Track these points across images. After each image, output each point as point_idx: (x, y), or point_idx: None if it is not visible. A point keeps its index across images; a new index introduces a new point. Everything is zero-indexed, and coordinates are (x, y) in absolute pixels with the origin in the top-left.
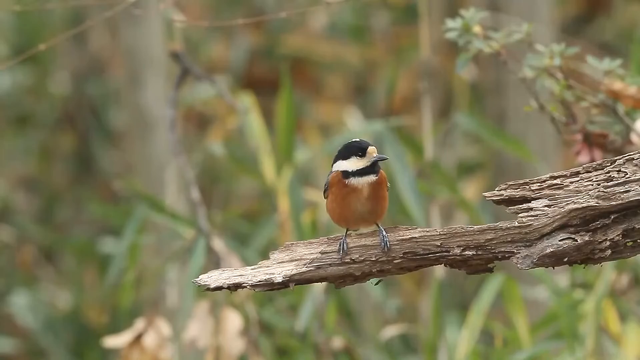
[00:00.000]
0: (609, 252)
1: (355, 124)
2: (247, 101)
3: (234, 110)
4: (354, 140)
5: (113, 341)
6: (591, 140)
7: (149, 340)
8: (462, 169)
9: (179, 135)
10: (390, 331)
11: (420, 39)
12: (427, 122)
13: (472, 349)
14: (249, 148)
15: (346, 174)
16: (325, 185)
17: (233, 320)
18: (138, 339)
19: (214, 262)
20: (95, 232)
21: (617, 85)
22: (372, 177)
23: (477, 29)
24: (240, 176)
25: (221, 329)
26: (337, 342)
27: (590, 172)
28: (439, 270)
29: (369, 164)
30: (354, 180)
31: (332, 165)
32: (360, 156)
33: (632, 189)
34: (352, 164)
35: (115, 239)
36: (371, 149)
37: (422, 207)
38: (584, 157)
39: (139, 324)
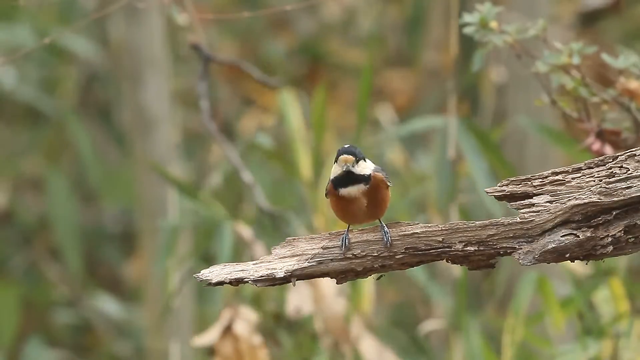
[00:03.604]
0: (610, 248)
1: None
2: (287, 96)
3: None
4: (345, 145)
5: (202, 339)
6: (604, 137)
7: (240, 328)
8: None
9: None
10: (430, 325)
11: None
12: (452, 121)
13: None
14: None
15: (335, 184)
16: (326, 187)
17: (326, 284)
18: (228, 330)
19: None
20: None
21: (633, 84)
22: (361, 186)
23: (494, 24)
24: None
25: (318, 295)
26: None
27: (592, 168)
28: (456, 269)
29: (342, 172)
30: (345, 192)
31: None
32: (337, 163)
33: (634, 185)
34: (334, 170)
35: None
36: (343, 158)
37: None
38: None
39: (225, 315)
